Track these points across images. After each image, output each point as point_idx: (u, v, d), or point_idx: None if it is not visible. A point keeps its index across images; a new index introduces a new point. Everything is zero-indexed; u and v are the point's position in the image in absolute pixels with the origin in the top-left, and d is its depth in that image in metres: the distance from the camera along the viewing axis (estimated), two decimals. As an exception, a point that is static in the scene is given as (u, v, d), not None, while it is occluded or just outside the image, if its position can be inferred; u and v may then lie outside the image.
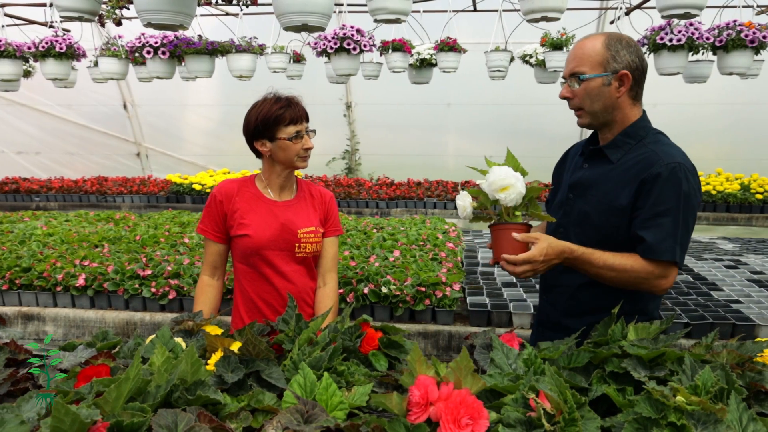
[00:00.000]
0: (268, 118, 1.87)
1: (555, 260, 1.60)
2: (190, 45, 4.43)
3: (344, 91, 7.37)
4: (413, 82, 5.38)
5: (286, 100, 1.90)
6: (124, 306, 2.72)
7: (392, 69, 4.72)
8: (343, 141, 7.87)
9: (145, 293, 2.66)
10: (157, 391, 1.14)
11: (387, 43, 4.57)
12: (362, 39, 4.35)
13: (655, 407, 1.10)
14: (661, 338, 1.51)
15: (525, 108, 7.62)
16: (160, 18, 1.89)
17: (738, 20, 4.25)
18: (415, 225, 4.24)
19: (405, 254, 3.23)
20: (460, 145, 8.24)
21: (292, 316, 1.64)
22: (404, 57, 4.65)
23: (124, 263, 2.87)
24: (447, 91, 7.21)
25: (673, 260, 1.59)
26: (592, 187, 1.75)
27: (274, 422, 1.10)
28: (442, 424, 1.01)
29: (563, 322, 1.82)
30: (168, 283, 2.67)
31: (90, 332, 2.66)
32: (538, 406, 1.07)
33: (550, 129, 7.99)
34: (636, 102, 1.71)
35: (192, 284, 2.71)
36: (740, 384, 1.19)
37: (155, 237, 3.56)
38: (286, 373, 1.39)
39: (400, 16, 1.86)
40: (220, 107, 8.33)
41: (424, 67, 5.15)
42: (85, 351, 1.55)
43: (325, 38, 4.44)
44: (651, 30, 4.20)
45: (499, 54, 4.47)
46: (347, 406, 1.26)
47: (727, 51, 4.22)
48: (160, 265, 2.83)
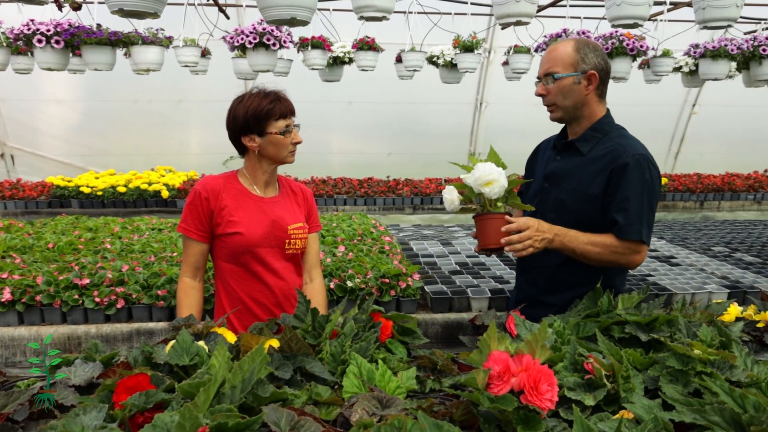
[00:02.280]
0: (258, 113, 1.82)
1: (548, 234, 1.77)
2: (91, 34, 4.05)
3: (243, 87, 7.14)
4: (324, 80, 5.40)
5: (275, 94, 1.87)
6: (62, 319, 2.47)
7: (311, 66, 4.71)
8: (241, 139, 7.61)
9: (87, 304, 2.43)
10: (233, 392, 1.10)
11: (306, 40, 4.54)
12: (281, 35, 4.29)
13: (681, 361, 1.28)
14: (642, 306, 1.73)
15: (423, 107, 7.95)
16: (133, 4, 1.76)
17: (619, 30, 4.82)
18: (344, 221, 4.28)
19: (350, 249, 3.27)
20: (354, 143, 8.42)
21: (304, 311, 1.63)
22: (323, 54, 4.66)
23: (53, 273, 2.60)
24: (350, 90, 7.30)
25: (640, 240, 1.83)
26: (566, 177, 1.94)
27: (359, 410, 1.12)
28: (527, 392, 1.10)
29: (543, 299, 1.99)
30: (114, 292, 2.46)
31: (22, 352, 2.38)
32: (597, 369, 1.20)
33: (444, 126, 8.43)
34: (601, 99, 1.93)
35: (140, 291, 2.53)
36: (735, 336, 1.42)
37: (72, 244, 3.24)
38: (326, 365, 1.40)
39: (385, 14, 1.91)
40: (92, 102, 7.65)
41: (336, 66, 5.19)
42: (87, 366, 1.43)
43: (242, 33, 4.31)
44: (549, 36, 4.61)
45: (415, 54, 4.65)
46: (404, 390, 1.30)
47: (612, 57, 4.77)
48: (97, 273, 2.60)
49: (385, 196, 6.47)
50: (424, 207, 6.49)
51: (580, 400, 1.16)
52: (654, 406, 1.14)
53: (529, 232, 1.73)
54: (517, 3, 1.89)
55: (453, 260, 3.38)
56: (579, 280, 1.93)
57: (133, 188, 5.91)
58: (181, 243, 3.54)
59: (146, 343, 1.47)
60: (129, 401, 1.13)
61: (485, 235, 1.80)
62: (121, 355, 1.51)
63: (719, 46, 5.01)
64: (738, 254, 3.73)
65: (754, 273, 3.19)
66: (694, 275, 3.14)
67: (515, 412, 1.09)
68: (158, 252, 3.19)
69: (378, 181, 7.15)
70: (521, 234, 1.73)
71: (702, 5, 2.04)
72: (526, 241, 1.73)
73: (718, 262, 3.50)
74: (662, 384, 1.23)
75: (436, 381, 1.40)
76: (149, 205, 5.96)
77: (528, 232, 1.73)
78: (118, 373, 1.34)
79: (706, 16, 2.05)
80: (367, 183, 7.05)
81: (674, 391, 1.21)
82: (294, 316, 1.63)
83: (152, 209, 5.91)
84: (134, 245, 3.35)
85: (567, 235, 1.79)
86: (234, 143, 1.92)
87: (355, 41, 4.69)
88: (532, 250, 1.74)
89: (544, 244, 1.76)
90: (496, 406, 1.07)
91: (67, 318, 2.46)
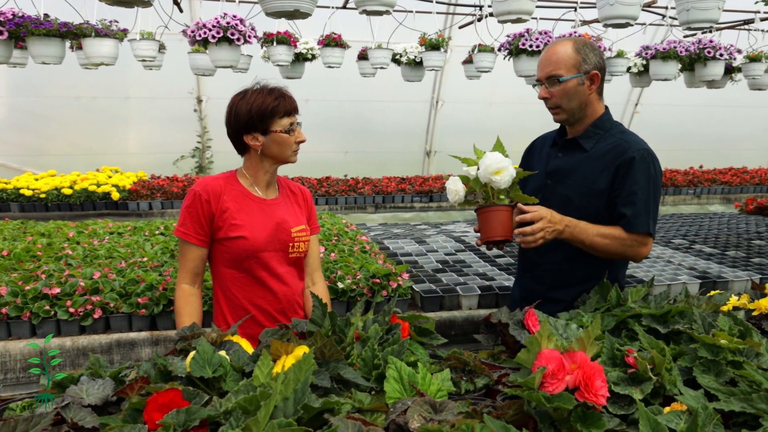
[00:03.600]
0: (263, 110, 1.73)
1: (559, 226, 1.78)
2: (39, 25, 3.77)
3: (195, 84, 6.89)
4: (285, 77, 5.28)
5: (279, 91, 1.79)
6: (30, 333, 2.28)
7: (276, 62, 4.58)
8: (193, 138, 7.34)
9: (61, 315, 2.26)
10: (285, 404, 1.03)
11: (271, 35, 4.42)
12: (245, 29, 4.15)
13: (711, 351, 1.31)
14: (650, 299, 1.78)
15: (380, 105, 7.93)
16: (124, -9, 1.64)
17: (577, 31, 4.97)
18: (315, 221, 4.19)
19: (331, 249, 3.21)
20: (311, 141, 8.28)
21: (321, 315, 1.58)
22: (289, 50, 4.54)
23: (17, 282, 2.40)
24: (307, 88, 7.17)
25: (648, 232, 1.87)
26: (570, 173, 1.96)
27: (415, 416, 1.08)
28: (582, 389, 1.09)
29: (550, 295, 2.00)
30: (89, 301, 2.30)
31: (-13, 369, 2.18)
32: (641, 362, 1.21)
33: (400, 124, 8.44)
34: (600, 97, 1.97)
35: (118, 299, 2.37)
36: (750, 326, 1.47)
37: (30, 250, 3.01)
38: (358, 371, 1.35)
39: (389, 8, 1.86)
40: (28, 98, 7.16)
41: (299, 62, 5.08)
42: (95, 383, 1.32)
43: (204, 26, 4.14)
44: (513, 36, 4.70)
45: (382, 51, 4.62)
46: (445, 392, 1.28)
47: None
48: (68, 282, 2.42)
49: (347, 195, 6.41)
50: (386, 206, 6.47)
51: (628, 394, 1.17)
52: (699, 397, 1.16)
53: (542, 223, 1.73)
54: (518, 0, 1.89)
55: (433, 258, 3.37)
56: (585, 275, 1.95)
57: (79, 190, 5.56)
58: (148, 246, 3.36)
59: (158, 355, 1.37)
60: (167, 420, 1.04)
61: (490, 228, 1.79)
62: (129, 369, 1.41)
63: (669, 48, 5.26)
64: (697, 246, 3.93)
65: (717, 263, 3.36)
66: (664, 267, 3.27)
67: (573, 410, 1.08)
68: (127, 257, 3.01)
69: (336, 180, 7.07)
70: (534, 226, 1.73)
71: (686, 7, 2.12)
72: (538, 233, 1.73)
73: (681, 254, 3.66)
74: (697, 374, 1.26)
75: (469, 382, 1.38)
76: (98, 207, 5.63)
77: (541, 224, 1.73)
78: (135, 389, 1.24)
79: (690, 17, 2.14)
80: (326, 182, 6.96)
81: (711, 381, 1.23)
82: (310, 321, 1.57)
83: (102, 212, 5.58)
84: (98, 251, 3.15)
85: (577, 226, 1.81)
86: (234, 142, 1.82)
87: (322, 37, 4.60)
88: (542, 241, 1.75)
89: (554, 235, 1.77)
90: (558, 404, 1.06)
91: (37, 331, 2.28)
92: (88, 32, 3.97)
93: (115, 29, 4.19)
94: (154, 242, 3.47)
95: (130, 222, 4.40)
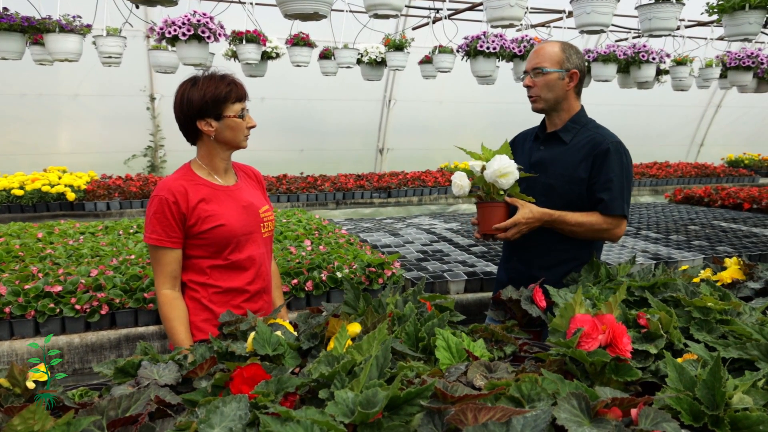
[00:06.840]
0: (217, 96, 1.77)
1: (535, 223, 2.03)
2: (1, 19, 3.63)
3: (148, 81, 6.72)
4: (248, 75, 5.29)
5: (230, 77, 1.84)
6: (34, 331, 2.27)
7: (244, 61, 4.60)
8: (145, 136, 7.15)
9: (67, 312, 2.26)
10: (370, 369, 1.16)
11: (241, 33, 4.44)
12: (215, 27, 4.17)
13: (702, 312, 1.55)
14: (633, 273, 2.02)
15: (334, 104, 8.02)
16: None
17: (528, 35, 5.28)
18: (291, 217, 4.27)
19: (317, 243, 3.31)
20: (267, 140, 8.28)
21: (354, 298, 1.71)
22: (258, 49, 4.57)
23: (14, 282, 2.37)
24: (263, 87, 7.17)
25: (623, 214, 2.12)
26: (552, 164, 2.19)
27: (477, 375, 1.24)
28: (614, 344, 1.29)
29: (537, 275, 2.22)
30: (96, 297, 2.31)
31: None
32: (653, 323, 1.42)
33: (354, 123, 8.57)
34: (578, 96, 2.21)
35: (123, 294, 2.39)
36: (727, 291, 1.72)
37: (10, 251, 2.94)
38: (403, 344, 1.50)
39: (397, 12, 2.00)
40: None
41: (263, 61, 5.11)
42: (159, 366, 1.40)
43: (173, 23, 4.11)
44: (471, 38, 4.94)
45: (348, 51, 4.74)
46: (488, 357, 1.44)
47: (523, 59, 5.21)
48: (68, 280, 2.42)
49: (308, 192, 6.48)
50: (346, 202, 6.59)
51: (645, 349, 1.37)
52: (702, 348, 1.39)
53: (516, 228, 2.01)
54: (511, 7, 2.09)
55: (412, 249, 3.54)
56: (569, 256, 2.20)
57: (32, 191, 5.34)
58: (131, 244, 3.34)
59: (215, 339, 1.47)
60: (259, 389, 1.15)
61: (489, 221, 2.00)
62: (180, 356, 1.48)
63: (609, 52, 5.68)
64: (643, 232, 4.31)
65: (665, 246, 3.72)
66: (621, 250, 3.59)
67: (608, 363, 1.27)
68: (116, 255, 3.00)
69: (295, 178, 7.12)
70: (508, 222, 2.00)
71: (587, 10, 2.34)
72: (512, 228, 2.00)
73: (632, 239, 4.02)
74: (693, 332, 1.49)
75: (499, 350, 1.55)
76: (52, 209, 5.42)
77: (515, 229, 2.01)
78: (205, 368, 1.34)
79: (585, 21, 2.36)
80: (285, 179, 6.99)
81: (706, 337, 1.47)
82: (344, 303, 1.69)
83: (56, 213, 5.38)
84: (80, 250, 3.11)
85: (553, 220, 2.05)
86: (185, 129, 1.84)
87: (290, 37, 4.66)
88: (518, 235, 2.02)
89: (531, 228, 2.02)
90: (597, 359, 1.25)
91: (41, 329, 2.26)
92: (52, 27, 3.86)
93: (78, 25, 4.09)
94: (135, 240, 3.45)
95: (97, 222, 4.31)
